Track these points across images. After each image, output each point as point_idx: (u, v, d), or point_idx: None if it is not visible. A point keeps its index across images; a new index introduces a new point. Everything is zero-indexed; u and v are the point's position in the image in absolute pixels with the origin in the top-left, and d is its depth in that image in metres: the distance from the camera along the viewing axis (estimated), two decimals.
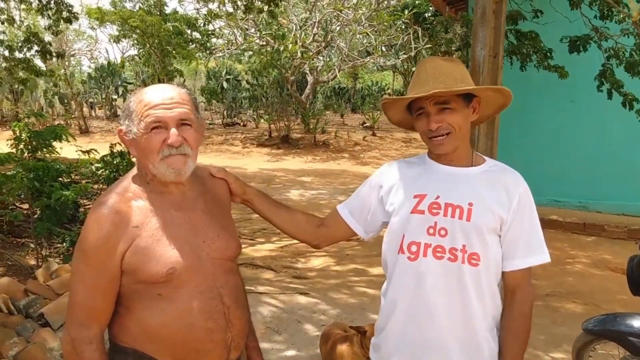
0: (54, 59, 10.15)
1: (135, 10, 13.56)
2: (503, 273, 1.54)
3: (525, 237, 1.51)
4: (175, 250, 1.38)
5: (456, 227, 1.48)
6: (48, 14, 8.21)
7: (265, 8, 9.39)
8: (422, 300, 1.50)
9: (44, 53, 9.00)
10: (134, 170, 1.49)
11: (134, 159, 5.37)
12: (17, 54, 9.51)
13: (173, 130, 1.37)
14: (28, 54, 9.20)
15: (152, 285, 1.37)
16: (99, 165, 5.50)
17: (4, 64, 9.72)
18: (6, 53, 9.48)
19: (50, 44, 9.67)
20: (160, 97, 1.38)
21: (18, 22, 11.42)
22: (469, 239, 1.47)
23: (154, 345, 1.39)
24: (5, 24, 9.56)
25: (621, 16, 4.68)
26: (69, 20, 8.62)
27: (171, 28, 12.39)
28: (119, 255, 1.35)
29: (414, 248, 1.51)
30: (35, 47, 8.99)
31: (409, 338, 1.53)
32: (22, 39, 9.56)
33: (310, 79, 17.50)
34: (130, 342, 1.41)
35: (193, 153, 1.43)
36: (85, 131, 18.15)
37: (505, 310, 1.55)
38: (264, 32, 14.40)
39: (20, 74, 9.84)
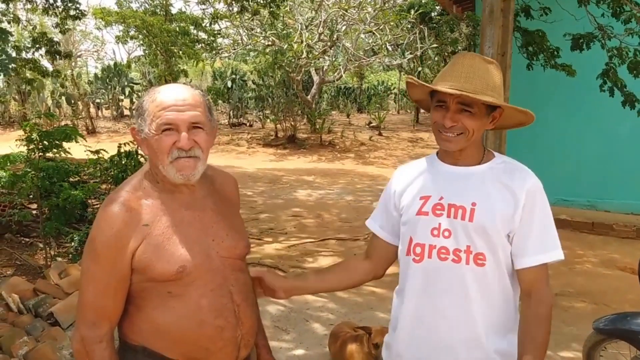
0: (61, 60, 10.18)
1: (140, 10, 13.60)
2: (517, 272, 1.50)
3: (537, 233, 1.46)
4: (185, 249, 1.39)
5: (459, 228, 1.46)
6: (55, 13, 8.19)
7: (266, 10, 9.30)
8: (429, 302, 1.50)
9: (53, 53, 9.00)
10: (144, 169, 1.49)
11: (141, 159, 5.46)
12: (24, 54, 9.53)
13: (184, 134, 1.36)
14: (37, 54, 9.20)
15: (162, 283, 1.37)
16: (107, 165, 5.53)
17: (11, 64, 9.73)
18: (13, 53, 9.51)
19: (59, 44, 9.66)
20: (174, 98, 1.37)
21: (24, 22, 11.43)
22: (473, 240, 1.45)
23: (164, 342, 1.40)
24: (12, 23, 9.56)
25: (634, 11, 4.63)
26: (77, 17, 8.60)
27: (177, 28, 12.42)
28: (129, 253, 1.35)
29: (418, 250, 1.51)
30: (44, 48, 8.97)
31: (418, 339, 1.53)
32: (30, 39, 9.57)
33: (316, 78, 17.47)
34: (140, 340, 1.42)
35: (203, 156, 1.42)
36: (92, 131, 18.21)
37: (522, 312, 1.50)
38: (268, 32, 14.40)
39: (28, 74, 9.85)
